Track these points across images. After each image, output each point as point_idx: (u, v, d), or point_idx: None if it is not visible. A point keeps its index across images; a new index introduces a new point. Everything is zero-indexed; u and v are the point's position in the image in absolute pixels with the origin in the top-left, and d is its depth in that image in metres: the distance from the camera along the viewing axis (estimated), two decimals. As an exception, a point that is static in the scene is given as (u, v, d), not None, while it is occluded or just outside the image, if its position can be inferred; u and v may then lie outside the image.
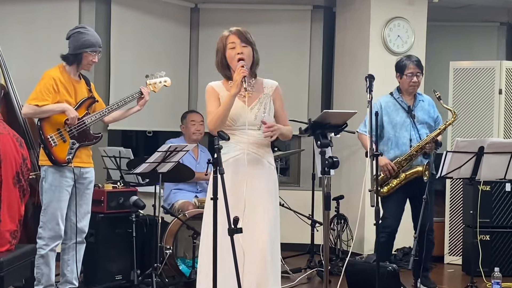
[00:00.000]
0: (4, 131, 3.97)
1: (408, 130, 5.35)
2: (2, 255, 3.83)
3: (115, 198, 5.49)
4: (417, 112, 5.39)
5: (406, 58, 5.45)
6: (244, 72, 3.74)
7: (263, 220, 3.85)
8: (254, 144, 3.86)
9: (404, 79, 5.38)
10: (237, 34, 3.90)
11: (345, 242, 6.76)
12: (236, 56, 3.86)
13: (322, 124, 3.68)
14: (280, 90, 4.03)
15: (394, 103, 5.41)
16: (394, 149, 5.35)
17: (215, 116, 3.81)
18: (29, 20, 6.46)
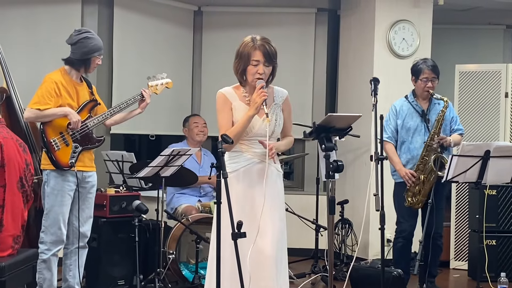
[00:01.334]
0: (8, 136, 3.95)
1: (422, 135, 5.30)
2: (4, 260, 3.81)
3: (118, 203, 5.47)
4: (432, 116, 5.33)
5: (422, 62, 5.37)
6: (265, 96, 3.72)
7: (272, 228, 3.82)
8: (264, 153, 3.82)
9: (419, 84, 5.33)
10: (263, 53, 3.83)
11: (350, 247, 6.72)
12: (256, 74, 3.82)
13: (326, 128, 3.65)
14: (289, 100, 4.03)
15: (409, 107, 5.37)
16: (406, 153, 5.33)
17: (231, 135, 3.73)
18: (31, 23, 6.45)
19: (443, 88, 6.40)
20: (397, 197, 5.36)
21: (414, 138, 5.32)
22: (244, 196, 3.80)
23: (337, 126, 3.70)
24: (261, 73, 3.82)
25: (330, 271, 3.88)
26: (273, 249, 3.79)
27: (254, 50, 3.83)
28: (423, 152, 5.23)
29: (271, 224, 3.81)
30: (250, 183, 3.82)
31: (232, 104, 3.89)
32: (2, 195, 3.84)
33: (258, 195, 3.79)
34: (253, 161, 3.83)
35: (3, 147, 3.84)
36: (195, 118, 6.50)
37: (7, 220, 3.85)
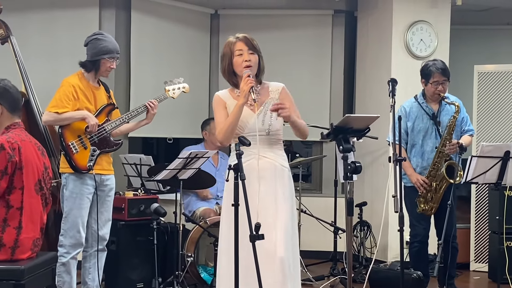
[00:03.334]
0: (26, 139, 3.97)
1: (432, 138, 5.22)
2: (24, 263, 3.82)
3: (136, 206, 5.49)
4: (442, 118, 5.24)
5: (431, 65, 5.24)
6: (251, 82, 3.72)
7: (278, 227, 3.78)
8: (265, 149, 3.84)
9: (429, 87, 5.22)
10: (244, 41, 3.90)
11: (369, 249, 6.69)
12: (244, 63, 3.84)
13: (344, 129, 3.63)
14: (287, 90, 4.00)
15: (419, 108, 5.28)
16: (417, 157, 5.25)
17: (224, 127, 3.81)
18: (49, 27, 6.49)
19: (461, 89, 6.37)
20: (409, 201, 5.27)
21: (425, 141, 5.24)
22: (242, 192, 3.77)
23: (355, 127, 3.68)
24: (248, 60, 3.84)
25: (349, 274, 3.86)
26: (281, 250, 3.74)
27: (235, 43, 3.91)
28: (435, 158, 5.15)
29: (279, 223, 3.78)
30: (250, 180, 3.74)
31: (226, 103, 3.91)
32: (20, 197, 3.86)
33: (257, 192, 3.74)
34: (251, 158, 3.81)
35: (21, 149, 3.86)
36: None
37: (26, 223, 3.87)
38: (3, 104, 3.95)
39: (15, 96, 4.03)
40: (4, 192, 3.82)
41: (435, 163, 5.15)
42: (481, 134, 6.56)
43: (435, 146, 5.19)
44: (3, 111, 3.96)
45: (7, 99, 3.97)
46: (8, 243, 3.81)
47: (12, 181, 3.83)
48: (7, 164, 3.79)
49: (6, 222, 3.82)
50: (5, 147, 3.80)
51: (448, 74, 5.26)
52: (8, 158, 3.79)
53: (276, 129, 3.90)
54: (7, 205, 3.83)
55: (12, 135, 3.89)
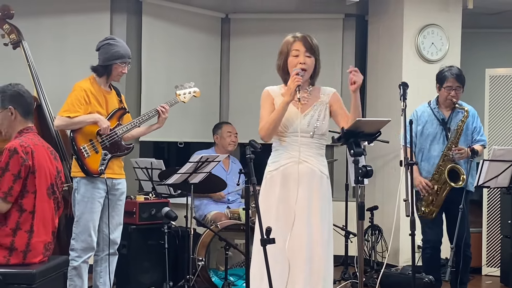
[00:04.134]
0: (39, 143, 3.99)
1: (440, 143, 5.18)
2: (35, 267, 3.84)
3: (147, 210, 5.50)
4: (453, 125, 5.18)
5: (447, 70, 5.21)
6: (298, 81, 3.67)
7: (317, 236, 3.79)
8: (306, 153, 3.81)
9: (443, 92, 5.18)
10: (302, 42, 3.83)
11: (380, 254, 6.66)
12: (298, 65, 3.79)
13: (355, 133, 3.62)
14: (338, 95, 4.00)
15: (430, 113, 5.25)
16: (424, 162, 5.22)
17: (267, 123, 3.77)
18: (61, 32, 6.52)
19: (473, 93, 6.34)
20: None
21: (432, 146, 5.20)
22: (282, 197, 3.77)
23: (366, 131, 3.67)
24: (303, 62, 3.78)
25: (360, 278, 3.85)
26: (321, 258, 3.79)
27: (294, 42, 3.84)
28: (439, 161, 5.11)
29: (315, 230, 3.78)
30: (288, 184, 3.78)
31: (274, 100, 3.86)
32: (33, 201, 3.88)
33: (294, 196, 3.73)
34: (292, 161, 3.79)
35: (34, 153, 3.88)
36: (229, 127, 6.49)
37: (38, 226, 3.88)
38: (16, 108, 3.98)
39: (28, 100, 4.06)
40: (17, 196, 3.84)
41: (439, 166, 5.12)
42: (493, 138, 6.53)
43: (442, 152, 5.15)
44: (17, 115, 3.98)
45: (20, 103, 3.99)
46: (19, 247, 3.83)
47: (25, 185, 3.85)
48: (20, 168, 3.81)
49: (18, 226, 3.84)
50: (18, 151, 3.82)
51: (463, 81, 5.20)
52: (21, 162, 3.81)
53: (321, 133, 3.87)
54: (20, 209, 3.85)
55: (25, 139, 3.92)
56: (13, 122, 3.99)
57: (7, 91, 3.98)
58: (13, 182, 3.80)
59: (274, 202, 3.78)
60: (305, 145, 3.81)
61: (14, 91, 3.99)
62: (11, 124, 4.00)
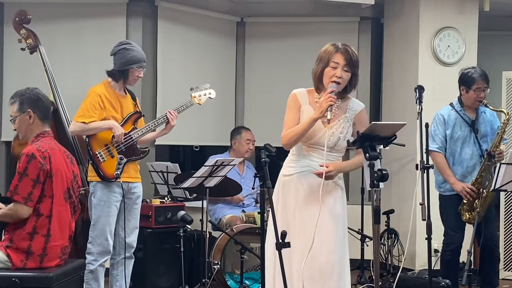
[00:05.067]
0: (56, 147, 4.02)
1: (471, 146, 5.13)
2: (52, 270, 3.86)
3: (163, 213, 5.51)
4: (480, 126, 5.16)
5: (473, 72, 5.13)
6: (332, 101, 3.62)
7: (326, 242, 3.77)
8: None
9: (471, 94, 5.10)
10: (344, 56, 3.74)
11: (396, 257, 6.63)
12: (333, 77, 3.73)
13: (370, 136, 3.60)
14: (365, 113, 3.95)
15: (456, 116, 5.17)
16: (456, 165, 5.16)
17: (291, 134, 3.73)
18: (77, 37, 6.56)
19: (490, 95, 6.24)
20: (445, 210, 5.20)
21: (463, 149, 5.15)
22: (295, 202, 3.77)
23: (381, 134, 3.65)
24: (339, 77, 3.72)
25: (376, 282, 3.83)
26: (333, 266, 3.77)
27: (335, 53, 3.76)
28: (483, 164, 5.04)
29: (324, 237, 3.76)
30: (302, 191, 3.78)
31: (301, 106, 3.82)
32: (50, 205, 3.90)
33: (308, 205, 3.74)
34: (309, 169, 3.78)
35: (51, 158, 3.90)
36: (248, 134, 6.46)
37: (55, 230, 3.91)
38: (35, 112, 4.01)
39: (46, 104, 4.09)
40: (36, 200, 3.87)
41: (483, 170, 5.04)
42: (510, 142, 6.48)
43: (474, 154, 5.12)
44: (35, 119, 4.01)
45: (39, 107, 4.02)
46: (36, 251, 3.85)
47: (43, 189, 3.88)
48: (39, 172, 3.84)
49: (35, 230, 3.86)
50: (36, 156, 3.84)
51: (488, 81, 5.15)
52: (39, 167, 3.84)
53: (340, 148, 3.85)
54: (37, 213, 3.87)
55: (42, 144, 3.94)
56: (31, 125, 4.02)
57: (26, 95, 4.02)
58: (32, 187, 3.83)
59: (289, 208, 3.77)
60: (322, 157, 3.77)
61: (33, 95, 4.02)
62: (29, 127, 4.02)
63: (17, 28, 5.31)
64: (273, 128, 4.38)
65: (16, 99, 4.02)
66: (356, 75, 3.82)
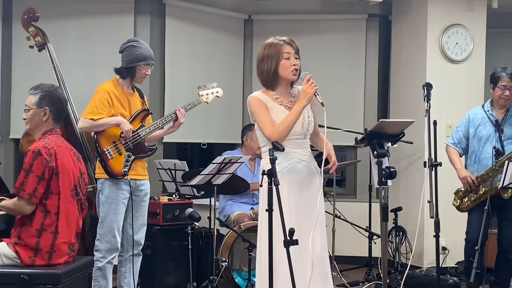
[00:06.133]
0: (62, 145, 4.03)
1: (493, 144, 5.14)
2: (61, 267, 3.87)
3: (171, 211, 5.52)
4: (506, 127, 5.17)
5: (501, 70, 5.21)
6: (316, 86, 3.73)
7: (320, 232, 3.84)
8: (302, 153, 3.86)
9: (496, 91, 5.17)
10: (292, 45, 3.90)
11: (404, 255, 6.63)
12: (292, 67, 3.84)
13: (378, 134, 3.61)
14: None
15: (483, 116, 5.23)
16: (477, 164, 5.18)
17: (281, 128, 3.78)
18: (85, 34, 6.57)
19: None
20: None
21: (485, 147, 5.16)
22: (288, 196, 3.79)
23: (389, 132, 3.66)
24: (296, 64, 3.85)
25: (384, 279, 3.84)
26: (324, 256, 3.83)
27: (282, 45, 3.89)
28: (495, 164, 5.03)
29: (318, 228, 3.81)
30: (292, 183, 3.82)
31: (267, 105, 3.89)
32: (57, 202, 3.91)
33: (300, 195, 3.80)
34: (293, 161, 3.84)
35: (58, 155, 3.91)
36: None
37: (62, 228, 3.91)
38: (51, 111, 4.01)
39: (63, 107, 4.11)
40: (41, 197, 3.88)
41: (493, 169, 5.03)
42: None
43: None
44: (49, 118, 4.02)
45: (56, 108, 4.04)
46: (44, 248, 3.86)
47: (49, 186, 3.89)
48: (44, 169, 3.85)
49: (43, 227, 3.87)
50: (42, 153, 3.85)
51: None
52: (45, 164, 3.85)
53: (310, 132, 3.94)
54: (45, 210, 3.88)
55: (48, 141, 3.95)
56: (42, 122, 4.02)
57: (49, 92, 4.02)
58: (37, 183, 3.84)
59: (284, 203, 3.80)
60: (300, 146, 3.86)
61: (55, 95, 4.03)
62: (40, 123, 4.03)
63: (25, 26, 5.32)
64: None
65: (38, 92, 4.03)
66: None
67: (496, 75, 5.22)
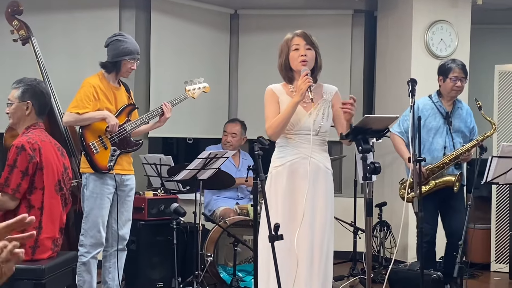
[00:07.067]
0: (46, 139, 4.01)
1: (443, 137, 5.20)
2: (44, 262, 3.85)
3: (156, 205, 5.51)
4: (454, 120, 5.25)
5: (451, 62, 5.29)
6: (309, 82, 3.72)
7: (320, 229, 3.84)
8: (312, 149, 3.83)
9: (448, 83, 5.23)
10: (302, 36, 3.90)
11: (388, 250, 6.66)
12: (300, 57, 3.85)
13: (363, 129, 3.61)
14: (339, 95, 4.03)
15: (432, 106, 5.27)
16: (426, 154, 5.19)
17: (276, 123, 3.81)
18: (70, 28, 6.54)
19: (482, 89, 6.32)
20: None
21: (435, 139, 5.22)
22: (288, 191, 3.81)
23: (374, 127, 3.66)
24: (304, 54, 3.84)
25: (368, 274, 3.85)
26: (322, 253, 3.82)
27: (292, 38, 3.91)
28: (446, 158, 5.13)
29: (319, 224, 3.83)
30: (295, 178, 3.82)
31: (279, 98, 3.90)
32: (41, 197, 3.89)
33: (301, 192, 3.78)
34: (299, 156, 3.83)
35: (42, 150, 3.89)
36: (227, 126, 6.42)
37: (46, 223, 3.90)
38: (34, 105, 3.99)
39: (47, 101, 4.10)
40: (25, 192, 3.86)
41: (444, 163, 5.13)
42: (502, 134, 6.51)
43: (444, 146, 5.18)
44: (32, 112, 4.00)
45: (39, 102, 4.02)
46: (28, 243, 3.84)
47: (33, 181, 3.87)
48: (28, 165, 3.83)
49: (27, 222, 3.85)
50: (26, 148, 3.84)
51: (467, 73, 5.28)
52: (29, 159, 3.83)
53: (325, 130, 3.92)
54: (29, 205, 3.87)
55: (32, 135, 3.93)
56: (25, 116, 4.00)
57: (31, 86, 4.01)
58: (21, 179, 3.82)
59: (280, 196, 3.82)
60: (309, 142, 3.84)
61: (38, 89, 4.02)
62: (23, 117, 4.01)
63: (9, 19, 5.29)
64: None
65: (21, 86, 4.01)
66: (319, 54, 3.95)
67: (446, 67, 5.25)
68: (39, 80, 4.14)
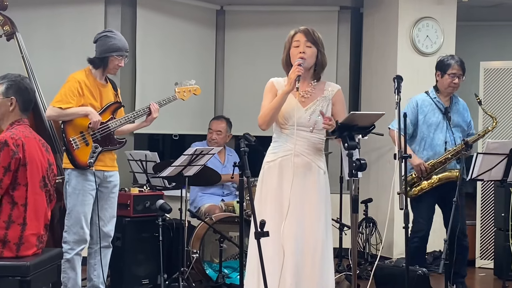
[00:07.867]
0: (30, 135, 3.98)
1: (444, 132, 5.23)
2: (29, 259, 3.83)
3: (142, 202, 5.49)
4: (453, 115, 5.27)
5: (450, 58, 5.28)
6: (299, 71, 3.72)
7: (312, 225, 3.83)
8: (303, 146, 3.83)
9: (445, 78, 5.22)
10: (304, 33, 3.89)
11: (374, 246, 6.68)
12: (298, 54, 3.83)
13: (349, 126, 3.62)
14: (342, 94, 4.01)
15: (431, 102, 5.28)
16: (427, 150, 5.24)
17: (265, 112, 3.82)
18: (55, 23, 6.50)
19: (467, 85, 6.33)
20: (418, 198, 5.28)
21: (436, 134, 5.24)
22: (278, 187, 3.81)
23: (360, 124, 3.67)
24: (302, 51, 3.82)
25: (354, 270, 3.86)
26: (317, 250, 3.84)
27: (294, 34, 3.91)
28: (448, 154, 5.16)
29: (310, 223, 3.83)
30: (284, 174, 3.82)
31: (277, 91, 3.89)
32: (25, 194, 3.87)
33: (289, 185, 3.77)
34: (290, 153, 3.81)
35: (25, 146, 3.87)
36: (212, 123, 6.40)
37: (30, 219, 3.87)
38: (18, 101, 3.97)
39: (31, 98, 4.07)
40: (8, 188, 3.83)
41: (446, 159, 5.16)
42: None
43: (445, 141, 5.19)
44: (16, 108, 3.98)
45: (23, 98, 4.00)
46: (12, 240, 3.82)
47: (16, 177, 3.84)
48: (10, 160, 3.80)
49: (11, 219, 3.83)
50: (8, 143, 3.81)
51: (465, 70, 5.27)
52: (11, 155, 3.80)
53: (320, 129, 3.88)
54: (12, 202, 3.84)
55: (16, 131, 3.90)
56: (9, 112, 3.97)
57: (15, 82, 3.98)
58: (3, 174, 3.79)
59: (270, 192, 3.82)
60: (303, 139, 3.84)
61: (22, 84, 3.99)
62: (7, 113, 3.98)
63: (-7, 15, 5.25)
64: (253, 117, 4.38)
65: (4, 82, 3.98)
66: (321, 52, 3.93)
67: (446, 63, 5.25)
68: (23, 76, 4.11)
